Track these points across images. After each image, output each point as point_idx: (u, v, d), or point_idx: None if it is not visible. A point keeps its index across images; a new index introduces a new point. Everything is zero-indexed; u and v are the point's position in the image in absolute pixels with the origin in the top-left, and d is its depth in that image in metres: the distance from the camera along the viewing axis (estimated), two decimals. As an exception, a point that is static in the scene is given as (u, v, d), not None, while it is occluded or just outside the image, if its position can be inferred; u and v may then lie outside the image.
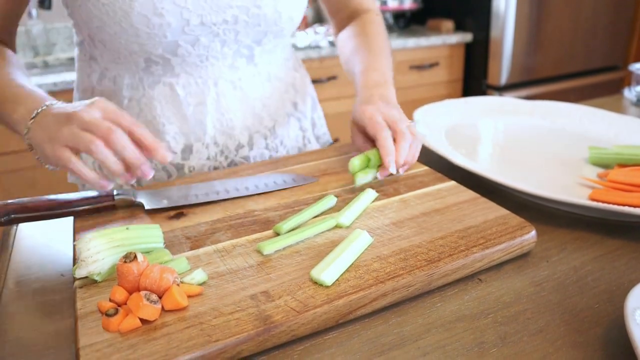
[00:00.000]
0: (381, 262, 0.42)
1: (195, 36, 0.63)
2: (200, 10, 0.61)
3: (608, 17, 2.19)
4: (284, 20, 0.68)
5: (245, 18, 0.64)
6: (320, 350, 0.36)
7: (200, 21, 0.62)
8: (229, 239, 0.46)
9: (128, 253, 0.38)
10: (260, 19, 0.65)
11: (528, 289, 0.42)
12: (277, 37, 0.70)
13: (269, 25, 0.67)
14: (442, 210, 0.50)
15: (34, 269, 0.47)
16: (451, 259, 0.42)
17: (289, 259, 0.43)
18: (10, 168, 1.54)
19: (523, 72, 2.10)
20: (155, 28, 0.60)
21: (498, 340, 0.36)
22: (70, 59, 1.88)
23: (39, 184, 1.59)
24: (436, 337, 0.37)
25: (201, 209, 0.52)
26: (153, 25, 0.60)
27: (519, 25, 1.99)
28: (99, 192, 0.51)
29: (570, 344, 0.36)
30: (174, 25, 0.60)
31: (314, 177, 0.59)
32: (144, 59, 0.63)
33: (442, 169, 0.61)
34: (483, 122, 0.78)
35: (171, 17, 0.60)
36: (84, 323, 0.36)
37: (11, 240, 0.52)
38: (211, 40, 0.64)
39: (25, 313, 0.41)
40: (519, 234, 0.45)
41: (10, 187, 1.56)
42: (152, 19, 0.59)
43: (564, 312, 0.39)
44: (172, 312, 0.37)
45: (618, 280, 0.43)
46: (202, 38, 0.63)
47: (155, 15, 0.59)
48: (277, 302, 0.37)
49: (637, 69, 0.98)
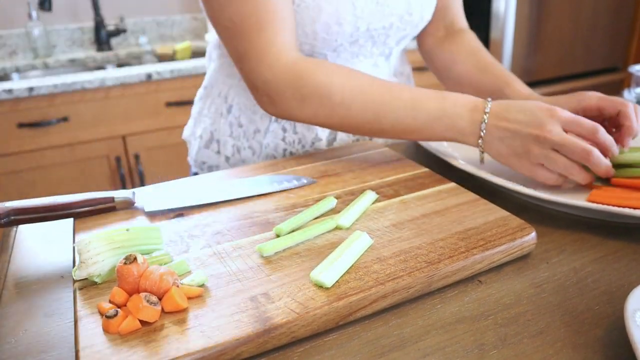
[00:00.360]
0: (381, 263, 0.42)
1: (356, 39, 0.68)
2: (370, 19, 0.67)
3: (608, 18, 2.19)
4: (422, 24, 0.75)
5: (398, 24, 0.71)
6: (320, 352, 0.36)
7: (367, 28, 0.67)
8: (228, 240, 0.46)
9: (128, 255, 0.38)
10: (408, 24, 0.72)
11: (528, 290, 0.42)
12: (411, 39, 0.78)
13: (412, 30, 0.74)
14: (442, 212, 0.50)
15: (33, 270, 0.47)
16: (451, 260, 0.42)
17: (289, 260, 0.43)
18: (10, 169, 1.54)
19: (523, 74, 2.10)
20: (332, 34, 0.65)
21: (498, 342, 0.36)
22: (71, 61, 1.88)
23: (38, 185, 1.59)
24: (436, 338, 0.37)
25: (201, 211, 0.52)
26: (332, 32, 0.65)
27: (518, 26, 1.99)
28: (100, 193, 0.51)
29: (571, 346, 0.36)
30: (347, 33, 0.66)
31: (314, 179, 0.59)
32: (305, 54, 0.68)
33: (442, 171, 0.61)
34: (483, 124, 0.78)
35: (348, 26, 0.65)
36: (84, 324, 0.36)
37: (11, 241, 0.52)
38: (366, 41, 0.70)
39: (25, 314, 0.41)
40: (519, 236, 0.45)
41: (9, 188, 1.56)
42: (333, 27, 0.64)
43: (564, 313, 0.39)
44: (172, 313, 0.37)
45: (618, 281, 0.43)
46: (360, 40, 0.69)
47: (336, 24, 0.64)
48: (277, 303, 0.37)
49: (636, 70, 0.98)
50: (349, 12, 0.64)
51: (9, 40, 1.88)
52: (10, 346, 0.37)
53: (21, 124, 1.51)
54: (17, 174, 1.56)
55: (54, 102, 1.53)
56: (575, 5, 2.07)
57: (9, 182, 1.55)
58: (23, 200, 0.49)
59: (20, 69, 1.81)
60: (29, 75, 1.83)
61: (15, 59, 1.88)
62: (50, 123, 1.54)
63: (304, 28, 0.64)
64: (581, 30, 2.14)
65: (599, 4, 2.13)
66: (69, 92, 1.53)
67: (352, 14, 0.64)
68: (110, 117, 1.61)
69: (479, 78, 0.76)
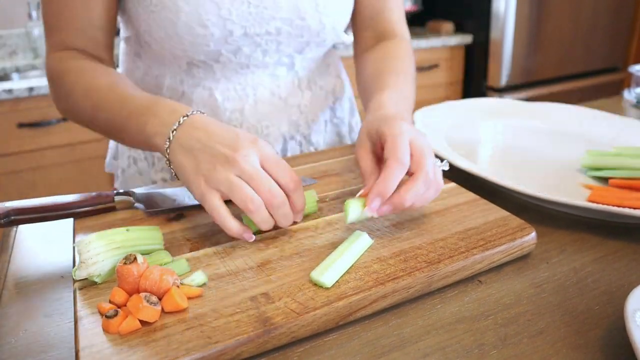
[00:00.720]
0: (381, 263, 0.42)
1: (237, 46, 0.63)
2: (244, 22, 0.61)
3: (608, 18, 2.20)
4: (327, 31, 0.67)
5: (288, 29, 0.64)
6: (320, 352, 0.36)
7: (244, 32, 0.62)
8: (228, 240, 0.46)
9: (128, 255, 0.38)
10: (303, 30, 0.65)
11: (528, 290, 0.42)
12: (320, 47, 0.70)
13: (312, 36, 0.67)
14: (443, 212, 0.50)
15: (33, 270, 0.47)
16: (451, 260, 0.42)
17: (289, 260, 0.43)
18: (10, 169, 1.54)
19: (523, 74, 2.10)
20: (199, 38, 0.61)
21: (498, 342, 0.36)
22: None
23: (38, 185, 1.59)
24: (436, 338, 0.37)
25: (201, 211, 0.52)
26: (197, 34, 0.60)
27: (518, 26, 1.99)
28: (100, 193, 0.51)
29: (570, 346, 0.36)
30: (217, 36, 0.61)
31: (314, 179, 0.59)
32: (187, 62, 0.65)
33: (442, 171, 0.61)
34: (483, 124, 0.78)
35: (215, 28, 0.60)
36: (84, 324, 0.36)
37: (11, 241, 0.52)
38: (253, 50, 0.65)
39: (25, 314, 0.41)
40: (519, 236, 0.45)
41: (9, 188, 1.56)
42: (197, 29, 0.60)
43: (564, 313, 0.39)
44: (172, 313, 0.37)
45: (618, 281, 0.43)
46: (244, 48, 0.64)
47: (200, 26, 0.60)
48: (277, 303, 0.37)
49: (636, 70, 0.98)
50: (212, 12, 0.59)
51: (9, 40, 1.88)
52: (10, 346, 0.37)
53: (21, 124, 1.51)
54: (17, 173, 1.56)
55: (54, 102, 1.53)
56: (575, 5, 2.08)
57: (9, 182, 1.55)
58: (23, 200, 0.49)
59: (20, 69, 1.81)
60: (29, 75, 1.83)
61: (16, 59, 1.88)
62: (50, 123, 1.54)
63: (166, 30, 0.60)
64: (581, 30, 2.14)
65: (599, 4, 2.14)
66: (69, 92, 1.53)
67: (216, 15, 0.59)
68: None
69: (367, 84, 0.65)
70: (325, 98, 0.76)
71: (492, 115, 0.81)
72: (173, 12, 0.59)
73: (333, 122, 0.79)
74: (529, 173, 0.62)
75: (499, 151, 0.70)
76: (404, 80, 0.63)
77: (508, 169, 0.64)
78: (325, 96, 0.76)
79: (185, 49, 0.62)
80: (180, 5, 0.58)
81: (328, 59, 0.77)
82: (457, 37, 2.12)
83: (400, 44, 0.72)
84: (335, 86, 0.78)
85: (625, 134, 0.71)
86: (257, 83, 0.68)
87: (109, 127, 0.56)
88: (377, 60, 0.69)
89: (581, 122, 0.76)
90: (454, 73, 2.20)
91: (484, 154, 0.70)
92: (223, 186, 0.43)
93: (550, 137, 0.74)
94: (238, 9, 0.60)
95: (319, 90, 0.75)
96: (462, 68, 2.22)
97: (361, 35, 0.76)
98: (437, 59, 2.14)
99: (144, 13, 0.60)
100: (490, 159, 0.68)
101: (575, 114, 0.78)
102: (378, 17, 0.74)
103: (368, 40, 0.75)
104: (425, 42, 2.05)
